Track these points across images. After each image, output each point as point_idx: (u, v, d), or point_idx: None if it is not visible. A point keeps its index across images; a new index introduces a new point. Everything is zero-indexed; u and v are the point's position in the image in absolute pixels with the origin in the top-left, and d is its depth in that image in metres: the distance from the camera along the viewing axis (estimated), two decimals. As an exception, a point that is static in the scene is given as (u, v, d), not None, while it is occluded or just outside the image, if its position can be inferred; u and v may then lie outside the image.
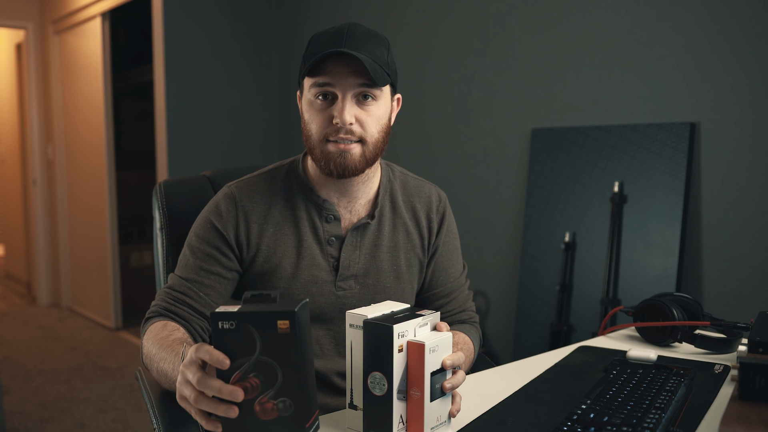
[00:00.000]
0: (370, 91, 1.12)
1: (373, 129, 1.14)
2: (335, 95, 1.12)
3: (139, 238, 5.08)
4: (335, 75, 1.11)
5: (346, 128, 1.11)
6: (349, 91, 1.11)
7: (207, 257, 1.18)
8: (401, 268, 1.25)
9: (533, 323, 2.59)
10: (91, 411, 3.05)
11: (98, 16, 4.29)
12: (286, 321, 0.78)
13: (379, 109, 1.15)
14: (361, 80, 1.11)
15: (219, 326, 0.80)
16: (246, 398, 0.80)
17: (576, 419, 0.91)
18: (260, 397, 0.80)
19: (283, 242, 1.20)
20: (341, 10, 3.58)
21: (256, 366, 0.80)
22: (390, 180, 1.28)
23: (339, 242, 1.21)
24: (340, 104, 1.11)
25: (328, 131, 1.13)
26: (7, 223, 6.20)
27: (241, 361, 0.80)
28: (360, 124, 1.13)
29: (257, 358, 0.80)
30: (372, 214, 1.23)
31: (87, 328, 4.52)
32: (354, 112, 1.12)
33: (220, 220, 1.19)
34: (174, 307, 1.17)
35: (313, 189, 1.22)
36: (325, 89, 1.12)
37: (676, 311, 1.31)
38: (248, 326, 0.79)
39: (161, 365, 1.05)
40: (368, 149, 1.15)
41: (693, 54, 2.21)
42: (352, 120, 1.11)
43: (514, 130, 2.75)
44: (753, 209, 2.09)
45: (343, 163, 1.13)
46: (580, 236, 2.47)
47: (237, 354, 0.80)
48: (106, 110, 4.34)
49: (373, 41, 1.13)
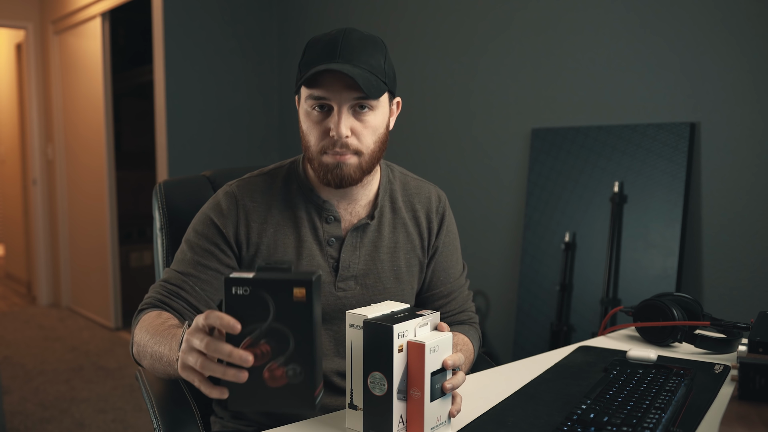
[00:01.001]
0: (368, 102, 1.12)
1: (369, 140, 1.14)
2: (331, 106, 1.12)
3: (139, 238, 5.08)
4: (330, 89, 1.10)
5: (342, 141, 1.11)
6: (345, 103, 1.11)
7: (205, 253, 1.18)
8: (401, 268, 1.25)
9: (533, 323, 2.59)
10: (91, 411, 3.05)
11: (98, 16, 4.29)
12: (302, 289, 0.79)
13: (376, 118, 1.15)
14: (356, 93, 1.10)
15: (232, 291, 0.80)
16: (255, 365, 0.80)
17: (576, 419, 0.91)
18: (270, 363, 0.80)
19: (283, 242, 1.20)
20: (341, 10, 3.57)
21: (268, 332, 0.80)
22: (390, 180, 1.28)
23: (339, 243, 1.21)
24: (335, 117, 1.11)
25: (325, 144, 1.13)
26: (7, 223, 6.21)
27: (252, 327, 0.80)
28: (356, 136, 1.13)
29: (270, 325, 0.80)
30: (372, 215, 1.23)
31: (87, 328, 4.52)
32: (350, 123, 1.12)
33: (220, 218, 1.19)
34: (169, 300, 1.16)
35: (314, 190, 1.22)
36: (321, 101, 1.12)
37: (676, 311, 1.31)
38: (263, 292, 0.79)
39: (156, 348, 1.03)
40: (364, 160, 1.15)
41: (693, 54, 2.21)
42: (347, 133, 1.11)
43: (514, 130, 2.75)
44: (753, 209, 2.09)
45: (339, 174, 1.14)
46: (580, 236, 2.47)
47: (249, 320, 0.80)
48: (106, 110, 4.34)
49: (368, 49, 1.13)
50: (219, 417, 1.31)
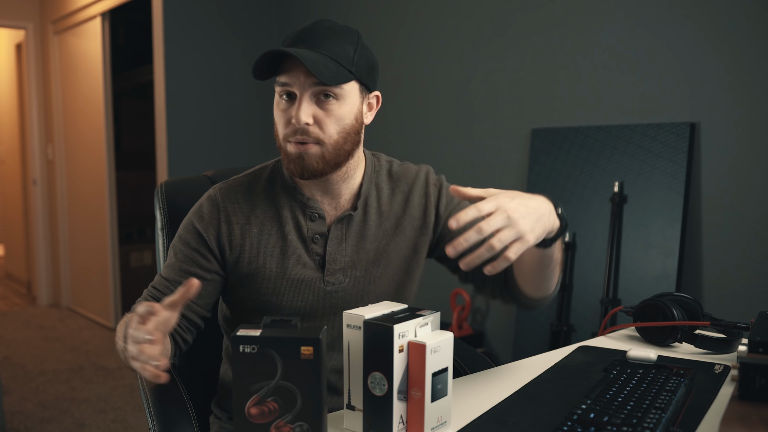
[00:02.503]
0: (331, 89, 1.10)
1: (331, 129, 1.11)
2: (296, 94, 1.11)
3: (139, 238, 5.08)
4: (291, 74, 1.10)
5: (302, 128, 1.10)
6: (307, 90, 1.10)
7: (187, 259, 1.19)
8: (390, 254, 1.23)
9: (533, 323, 2.59)
10: (91, 411, 3.06)
11: (98, 16, 4.29)
12: (310, 347, 0.80)
13: (341, 108, 1.12)
14: (316, 80, 1.08)
15: (240, 349, 0.81)
16: (263, 422, 0.81)
17: (576, 419, 0.91)
18: (277, 420, 0.81)
19: (267, 242, 1.19)
20: (341, 10, 3.58)
21: (276, 390, 0.81)
22: (375, 170, 1.26)
23: (324, 239, 1.20)
24: (296, 104, 1.10)
25: (288, 132, 1.12)
26: (7, 223, 6.21)
27: (261, 385, 0.82)
28: (318, 125, 1.11)
29: (277, 383, 0.81)
30: (355, 206, 1.22)
31: (87, 328, 4.52)
32: (312, 111, 1.10)
33: (201, 222, 1.20)
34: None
35: (297, 187, 1.21)
36: (285, 89, 1.12)
37: (676, 311, 1.31)
38: (270, 351, 0.81)
39: (119, 343, 1.03)
40: (327, 150, 1.12)
41: (693, 54, 2.21)
42: (308, 120, 1.09)
43: (514, 130, 2.75)
44: (753, 209, 2.09)
45: (300, 164, 1.12)
46: (580, 236, 2.47)
47: (257, 377, 0.81)
48: (106, 110, 4.34)
49: (337, 37, 1.11)
50: (217, 417, 1.31)
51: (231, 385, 0.82)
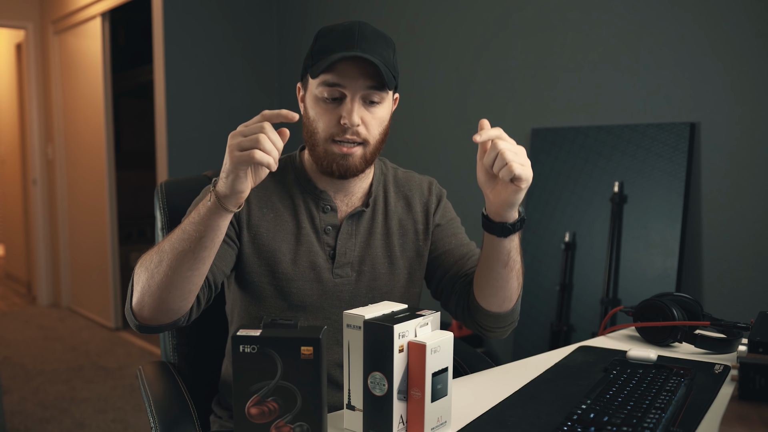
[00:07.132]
0: (377, 93, 1.14)
1: (375, 131, 1.17)
2: (344, 95, 1.13)
3: (139, 238, 5.08)
4: (346, 76, 1.12)
5: (353, 129, 1.14)
6: (358, 92, 1.13)
7: None
8: (395, 253, 1.26)
9: (533, 323, 2.59)
10: (91, 411, 3.06)
11: (98, 16, 4.29)
12: (310, 347, 0.80)
13: (383, 110, 1.17)
14: (371, 82, 1.13)
15: (240, 349, 0.81)
16: (263, 422, 0.81)
17: (576, 419, 0.91)
18: (277, 420, 0.81)
19: (282, 228, 1.22)
20: (341, 10, 3.58)
21: (276, 390, 0.81)
22: (383, 173, 1.31)
23: (335, 231, 1.23)
24: (348, 105, 1.13)
25: (335, 131, 1.15)
26: (7, 223, 6.20)
27: (261, 385, 0.82)
28: (365, 126, 1.15)
29: (277, 383, 0.81)
30: (366, 203, 1.26)
31: (87, 328, 4.52)
32: (361, 113, 1.14)
33: None
34: None
35: (311, 180, 1.24)
36: (336, 89, 1.13)
37: (676, 311, 1.31)
38: (271, 351, 0.81)
39: (175, 231, 1.04)
40: (369, 150, 1.17)
41: (693, 54, 2.21)
42: (359, 122, 1.13)
43: (514, 130, 2.75)
44: (753, 209, 2.09)
45: (344, 164, 1.16)
46: (580, 236, 2.47)
47: (256, 378, 0.81)
48: (106, 110, 4.34)
49: (381, 43, 1.15)
50: (218, 416, 1.31)
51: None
